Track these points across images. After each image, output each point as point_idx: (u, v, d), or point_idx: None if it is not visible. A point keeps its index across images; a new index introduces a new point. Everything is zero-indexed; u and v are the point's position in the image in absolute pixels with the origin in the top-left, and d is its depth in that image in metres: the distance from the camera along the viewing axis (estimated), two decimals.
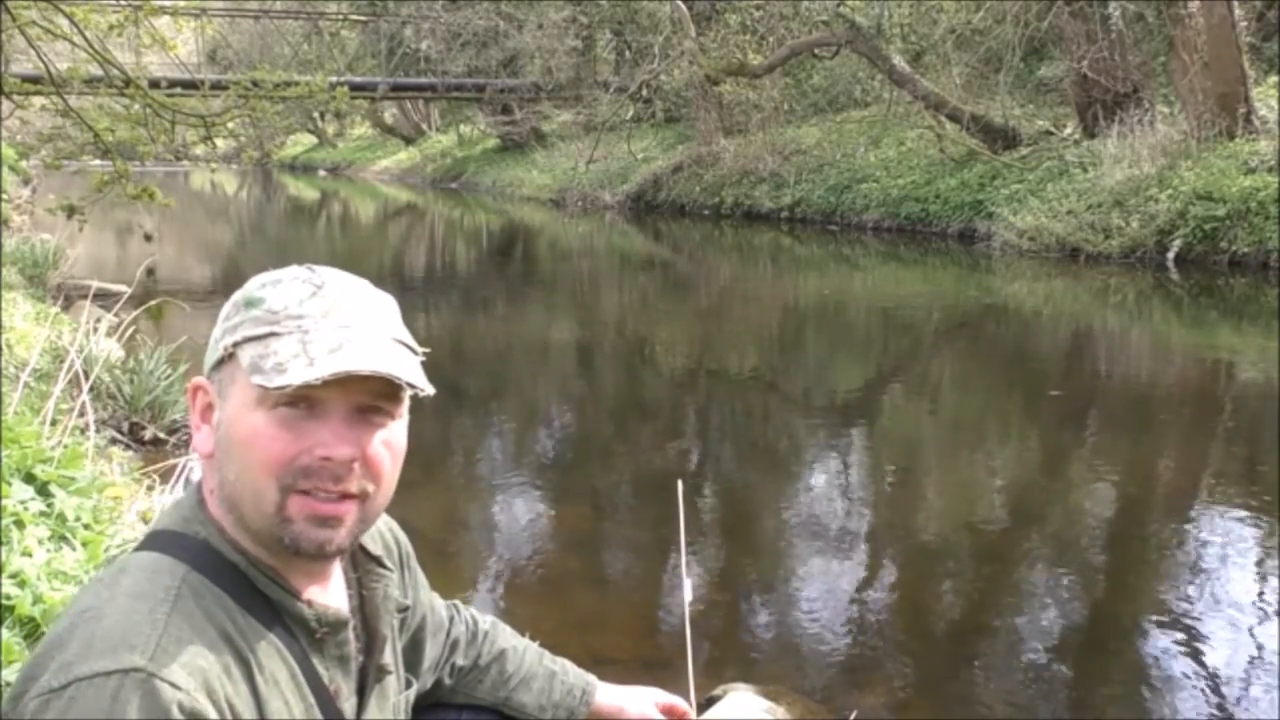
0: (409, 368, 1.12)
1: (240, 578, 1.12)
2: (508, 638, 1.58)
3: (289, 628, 1.14)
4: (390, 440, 1.14)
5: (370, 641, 1.25)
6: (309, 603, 1.15)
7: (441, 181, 32.30)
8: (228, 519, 1.13)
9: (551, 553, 4.33)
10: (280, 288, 1.14)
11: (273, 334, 1.10)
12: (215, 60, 32.84)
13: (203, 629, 1.05)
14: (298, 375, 1.06)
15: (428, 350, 1.18)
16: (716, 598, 3.79)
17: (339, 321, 1.11)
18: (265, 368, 1.08)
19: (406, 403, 1.16)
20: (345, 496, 1.11)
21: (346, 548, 1.16)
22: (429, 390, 1.13)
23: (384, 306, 1.17)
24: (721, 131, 20.63)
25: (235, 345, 1.11)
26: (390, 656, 1.28)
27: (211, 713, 1.00)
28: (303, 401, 1.09)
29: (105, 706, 0.95)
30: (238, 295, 1.16)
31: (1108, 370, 7.99)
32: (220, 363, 1.13)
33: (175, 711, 0.97)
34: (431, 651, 1.46)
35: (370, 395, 1.11)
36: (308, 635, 1.15)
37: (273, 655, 1.10)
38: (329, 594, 1.21)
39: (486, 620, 1.59)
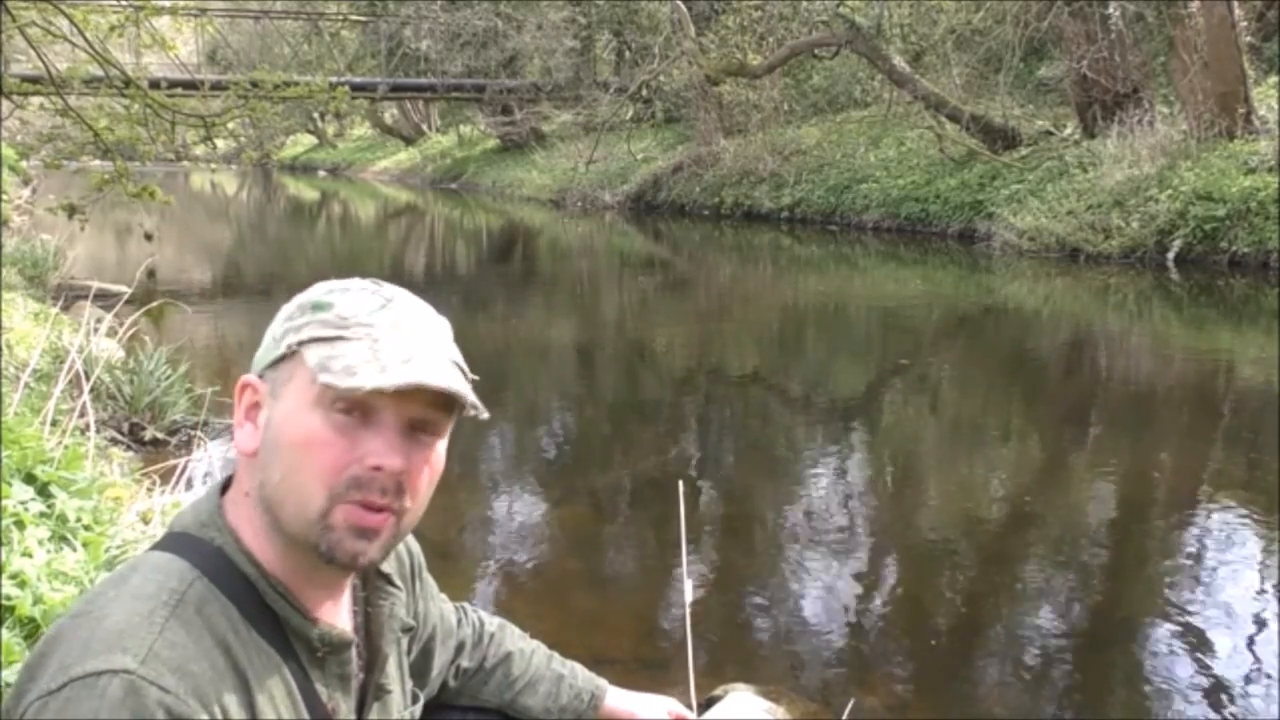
0: (467, 390, 1.13)
1: (249, 590, 1.11)
2: (515, 640, 1.57)
3: (291, 645, 1.13)
4: (433, 460, 1.15)
5: (372, 659, 1.25)
6: (315, 621, 1.15)
7: (441, 182, 32.30)
8: (258, 522, 1.13)
9: (551, 553, 4.33)
10: (349, 295, 1.14)
11: (341, 338, 1.10)
12: (215, 60, 32.82)
13: (201, 636, 1.04)
14: (370, 379, 1.06)
15: (476, 378, 1.19)
16: (717, 598, 3.79)
17: (408, 335, 1.12)
18: (334, 368, 1.08)
19: (452, 424, 1.17)
20: (385, 509, 1.11)
21: (378, 561, 1.15)
22: (485, 414, 1.13)
23: (443, 329, 1.18)
24: (721, 132, 20.62)
25: (300, 344, 1.11)
26: (394, 674, 1.28)
27: (202, 715, 1.00)
28: (358, 410, 1.09)
29: (94, 706, 0.96)
30: (302, 298, 1.16)
31: (1107, 370, 7.99)
32: (278, 361, 1.13)
33: (160, 714, 0.97)
34: (440, 659, 1.46)
35: (425, 412, 1.11)
36: (309, 654, 1.15)
37: (271, 670, 1.10)
38: (339, 610, 1.20)
39: (494, 622, 1.58)
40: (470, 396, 1.11)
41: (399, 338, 1.11)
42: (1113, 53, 14.00)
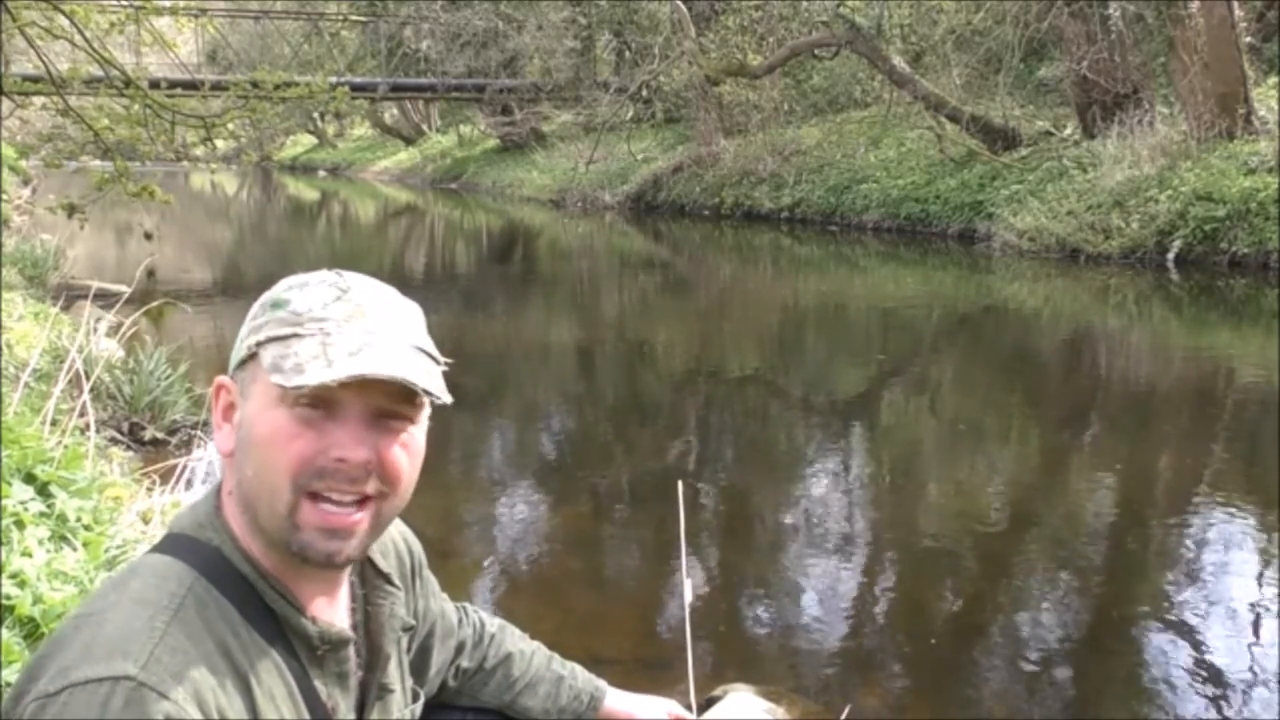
0: (428, 375, 1.12)
1: (248, 589, 1.12)
2: (515, 641, 1.58)
3: (290, 643, 1.14)
4: (408, 444, 1.15)
5: (372, 658, 1.25)
6: (313, 619, 1.15)
7: (441, 182, 32.29)
8: (242, 520, 1.14)
9: (551, 553, 4.33)
10: (306, 291, 1.15)
11: (295, 335, 1.11)
12: (215, 61, 32.82)
13: (201, 640, 1.05)
14: (315, 376, 1.07)
15: (450, 361, 1.18)
16: (716, 598, 3.79)
17: (362, 326, 1.12)
18: (285, 367, 1.09)
19: (427, 409, 1.17)
20: (360, 501, 1.12)
21: (357, 558, 1.16)
22: (446, 398, 1.13)
23: (408, 313, 1.18)
24: (721, 132, 20.62)
25: (259, 345, 1.12)
26: (394, 674, 1.28)
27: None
28: (322, 403, 1.10)
29: (95, 713, 0.96)
30: (265, 296, 1.17)
31: (1107, 371, 7.99)
32: (244, 362, 1.14)
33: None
34: (439, 657, 1.47)
35: (388, 400, 1.12)
36: (309, 652, 1.15)
37: (271, 670, 1.10)
38: (336, 608, 1.21)
39: (494, 623, 1.59)
40: (423, 383, 1.10)
41: (352, 329, 1.11)
42: (1113, 53, 14.00)
